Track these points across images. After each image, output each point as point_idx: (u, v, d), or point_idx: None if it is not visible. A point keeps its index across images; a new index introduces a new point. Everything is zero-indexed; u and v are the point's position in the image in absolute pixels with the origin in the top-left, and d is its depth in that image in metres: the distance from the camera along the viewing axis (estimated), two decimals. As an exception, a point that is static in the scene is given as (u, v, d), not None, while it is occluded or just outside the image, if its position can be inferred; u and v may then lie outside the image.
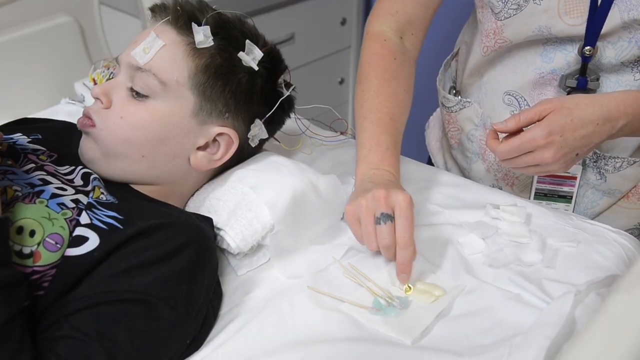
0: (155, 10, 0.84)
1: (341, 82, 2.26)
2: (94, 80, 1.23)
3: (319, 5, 2.02)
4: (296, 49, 1.98)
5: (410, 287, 0.79)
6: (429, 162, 1.24)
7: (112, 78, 1.21)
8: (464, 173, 1.12)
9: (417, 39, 1.02)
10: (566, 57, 0.89)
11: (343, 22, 2.14)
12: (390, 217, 0.78)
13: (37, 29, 1.21)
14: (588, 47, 0.86)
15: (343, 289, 0.80)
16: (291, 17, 1.97)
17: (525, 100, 0.96)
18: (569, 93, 0.91)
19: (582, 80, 0.89)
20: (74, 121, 1.03)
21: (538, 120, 0.81)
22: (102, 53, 1.36)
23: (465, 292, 0.79)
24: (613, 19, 0.83)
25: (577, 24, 0.85)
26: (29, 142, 0.83)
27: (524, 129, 0.82)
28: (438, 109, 1.22)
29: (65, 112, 1.23)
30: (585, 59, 0.88)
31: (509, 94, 0.97)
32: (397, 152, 0.91)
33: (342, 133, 1.14)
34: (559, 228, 0.90)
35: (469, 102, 1.04)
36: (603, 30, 0.84)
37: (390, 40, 0.99)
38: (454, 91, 1.10)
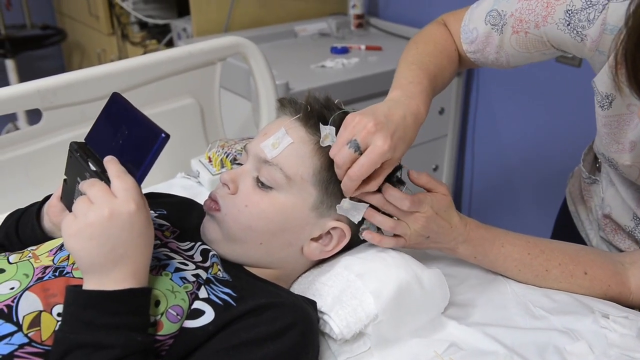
0: (284, 103, 0.88)
1: (435, 168, 2.28)
2: (209, 158, 1.31)
3: (418, 94, 2.09)
4: (394, 135, 2.04)
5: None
6: (563, 207, 1.24)
7: (227, 158, 1.29)
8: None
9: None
10: None
11: (441, 112, 2.18)
12: (358, 149, 0.78)
13: (165, 109, 1.31)
14: None
15: (443, 385, 0.79)
16: (391, 105, 2.03)
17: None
18: None
19: None
20: (188, 195, 1.11)
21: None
22: (218, 132, 1.44)
23: (573, 404, 0.76)
24: None
25: None
26: (155, 217, 0.89)
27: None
28: None
29: (180, 185, 1.31)
30: None
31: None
32: (430, 98, 0.95)
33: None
34: (674, 345, 0.85)
35: (597, 180, 1.07)
36: None
37: (453, 44, 1.06)
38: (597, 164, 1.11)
